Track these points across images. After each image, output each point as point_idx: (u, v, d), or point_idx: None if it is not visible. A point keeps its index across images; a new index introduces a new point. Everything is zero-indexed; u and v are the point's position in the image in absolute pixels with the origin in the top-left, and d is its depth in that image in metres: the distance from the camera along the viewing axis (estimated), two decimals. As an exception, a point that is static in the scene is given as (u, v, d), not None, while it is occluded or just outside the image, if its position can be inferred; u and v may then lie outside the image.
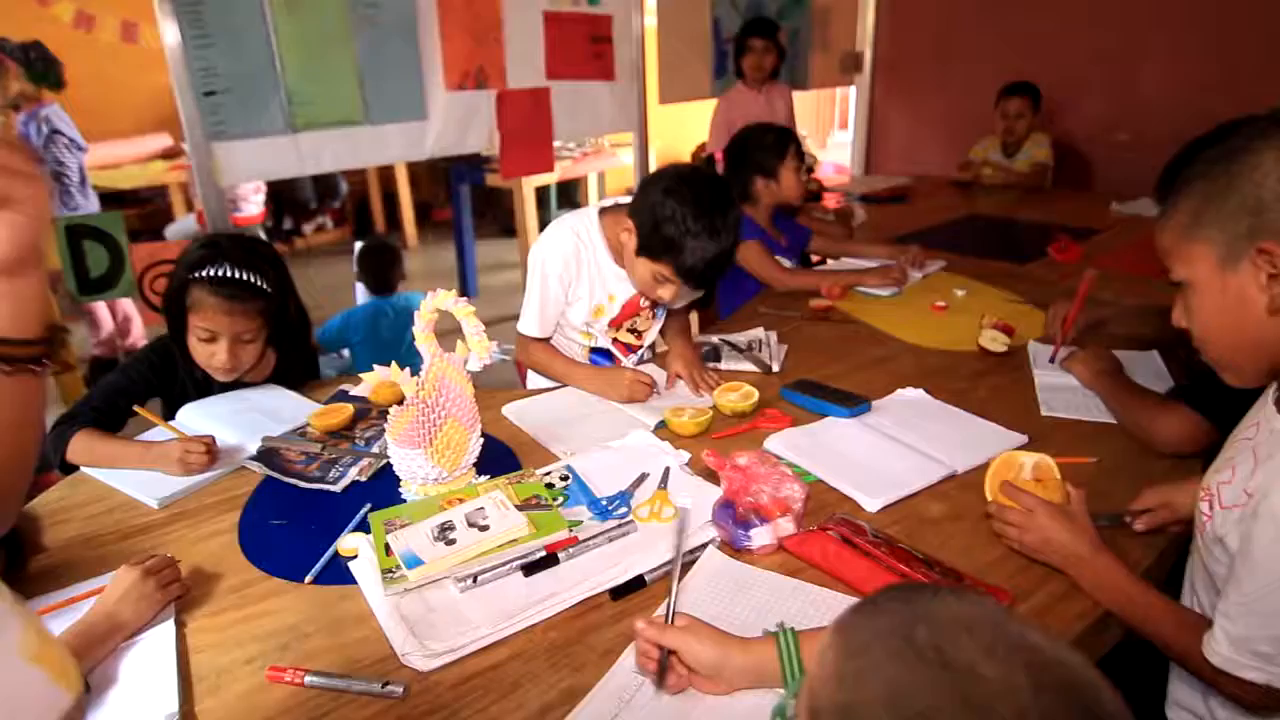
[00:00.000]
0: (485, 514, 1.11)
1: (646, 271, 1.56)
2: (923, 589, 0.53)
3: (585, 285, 1.71)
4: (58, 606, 1.05)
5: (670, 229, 1.47)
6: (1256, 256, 0.79)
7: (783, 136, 2.33)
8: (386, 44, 2.54)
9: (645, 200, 1.52)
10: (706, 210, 1.46)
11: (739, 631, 0.88)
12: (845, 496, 1.24)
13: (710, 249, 1.47)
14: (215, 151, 2.30)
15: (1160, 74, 3.62)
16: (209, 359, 1.51)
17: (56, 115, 3.55)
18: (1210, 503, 0.91)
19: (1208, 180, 0.83)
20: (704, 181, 1.51)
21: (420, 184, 6.42)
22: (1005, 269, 2.37)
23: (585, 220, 1.70)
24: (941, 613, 0.49)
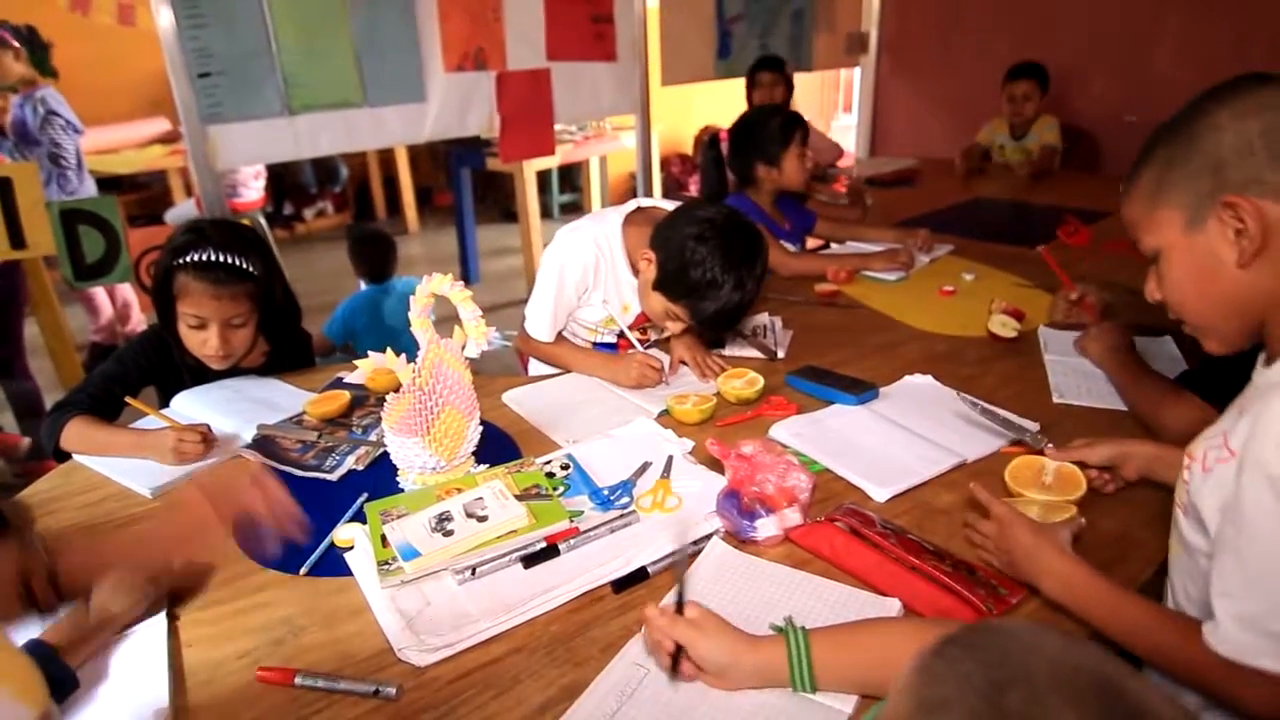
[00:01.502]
0: (484, 504, 1.09)
1: (660, 306, 1.54)
2: (1018, 631, 0.45)
3: (600, 294, 1.68)
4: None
5: (696, 275, 1.43)
6: (1222, 212, 0.79)
7: (789, 123, 2.29)
8: (384, 24, 2.50)
9: (673, 238, 1.47)
10: (735, 264, 1.43)
11: (745, 626, 0.85)
12: (853, 486, 1.21)
13: (733, 301, 1.45)
14: (211, 135, 2.27)
15: (1170, 54, 3.56)
16: (201, 346, 1.48)
17: (53, 96, 3.51)
18: (1193, 468, 0.85)
19: (1168, 147, 0.83)
20: (737, 231, 1.46)
21: (421, 168, 6.37)
22: (1014, 253, 2.32)
23: (608, 229, 1.65)
24: (1037, 671, 0.42)
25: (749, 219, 1.51)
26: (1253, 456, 0.74)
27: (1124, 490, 1.16)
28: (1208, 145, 0.79)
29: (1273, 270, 0.79)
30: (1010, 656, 0.43)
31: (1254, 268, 0.79)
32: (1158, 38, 3.58)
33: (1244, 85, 0.79)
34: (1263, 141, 0.76)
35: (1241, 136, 0.77)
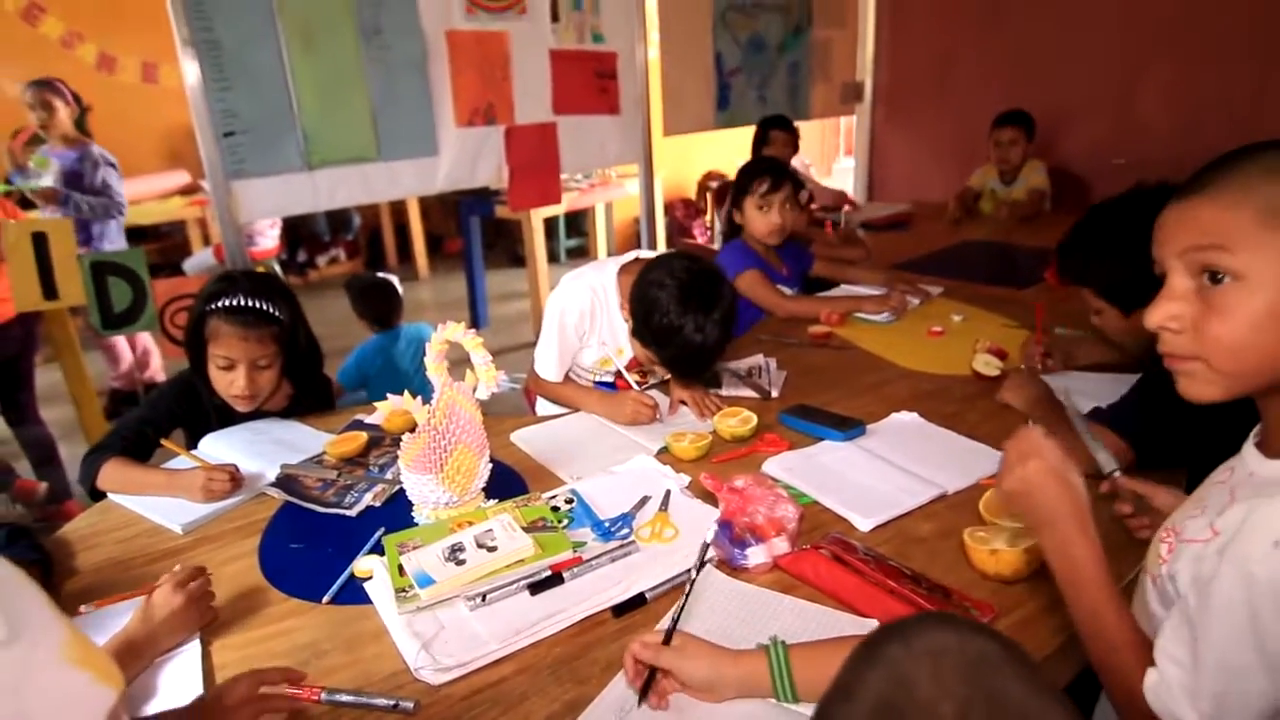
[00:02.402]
0: (494, 536, 1.17)
1: (641, 352, 1.66)
2: (930, 619, 0.54)
3: (596, 337, 1.80)
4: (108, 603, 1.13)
5: (656, 321, 1.53)
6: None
7: (750, 173, 2.38)
8: (399, 83, 2.63)
9: (640, 288, 1.58)
10: (693, 310, 1.51)
11: (734, 645, 0.93)
12: (839, 517, 1.29)
13: (693, 344, 1.52)
14: (234, 190, 2.39)
15: (1155, 99, 3.68)
16: (229, 387, 1.58)
17: (102, 152, 3.69)
18: (1171, 543, 0.83)
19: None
20: (696, 278, 1.54)
21: (431, 216, 6.54)
22: (1002, 294, 2.42)
23: (604, 278, 1.78)
24: (924, 637, 0.51)
25: (714, 269, 1.59)
26: (1241, 549, 0.71)
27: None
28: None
29: None
30: (908, 629, 0.52)
31: None
32: (1143, 83, 3.70)
33: None
34: None
35: None
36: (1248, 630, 0.70)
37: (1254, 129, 3.34)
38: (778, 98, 4.03)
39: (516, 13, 2.85)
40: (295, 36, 2.39)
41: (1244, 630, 0.70)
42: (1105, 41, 3.75)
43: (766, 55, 3.93)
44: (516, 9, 2.85)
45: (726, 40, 3.72)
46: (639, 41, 3.25)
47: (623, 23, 3.18)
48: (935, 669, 0.49)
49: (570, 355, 1.81)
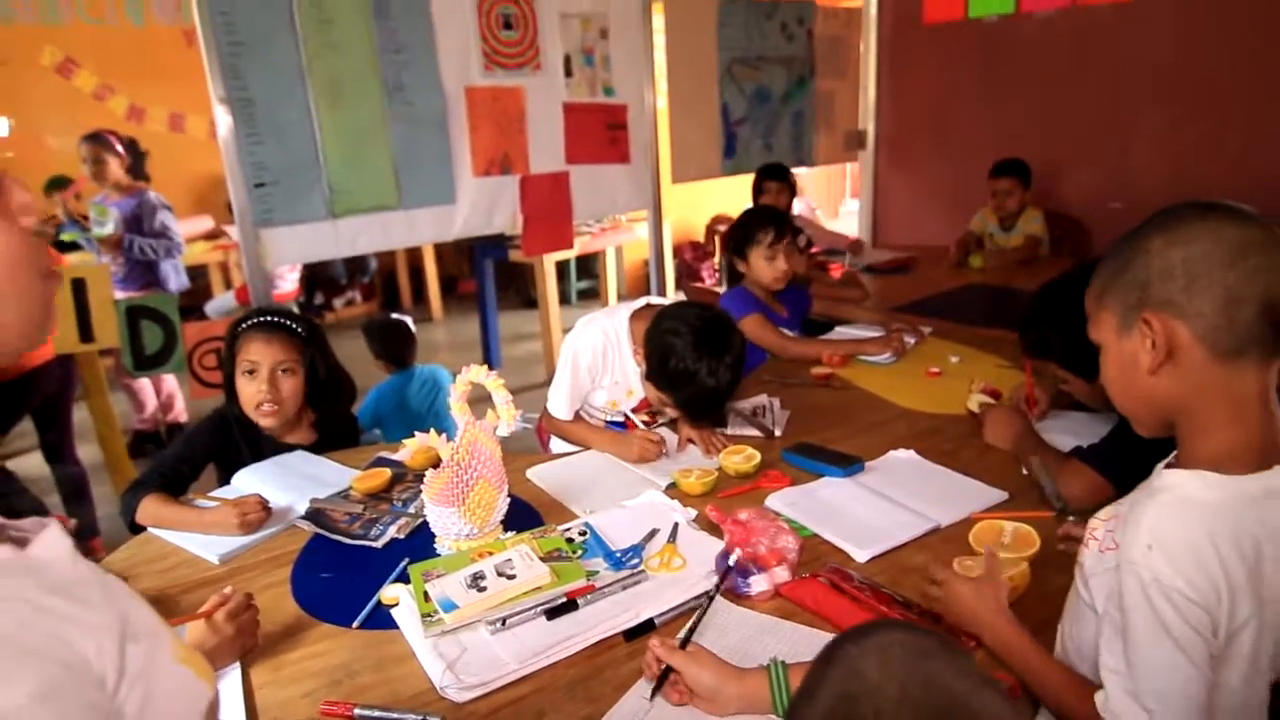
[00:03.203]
0: (512, 565, 1.25)
1: (653, 395, 1.76)
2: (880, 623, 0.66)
3: (608, 378, 1.90)
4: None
5: (672, 366, 1.64)
6: (1142, 325, 0.88)
7: (755, 221, 2.49)
8: (419, 135, 2.77)
9: (655, 335, 1.69)
10: (706, 355, 1.61)
11: (737, 664, 1.00)
12: (837, 548, 1.36)
13: (706, 388, 1.63)
14: (262, 237, 2.50)
15: (1149, 146, 3.79)
16: (254, 397, 1.72)
17: (158, 197, 3.86)
18: (1091, 545, 0.97)
19: (1114, 257, 0.94)
20: (708, 324, 1.65)
21: (445, 258, 6.68)
22: (1000, 336, 2.49)
23: (616, 322, 1.89)
24: (874, 636, 0.63)
25: (725, 316, 1.70)
26: (1126, 556, 0.86)
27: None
28: (1140, 264, 0.89)
29: (1176, 382, 0.88)
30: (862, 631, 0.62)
31: (1161, 376, 0.89)
32: (1136, 131, 3.81)
33: (1186, 214, 0.88)
34: (1182, 269, 0.85)
35: (1166, 262, 0.86)
36: (1157, 626, 0.82)
37: (1244, 173, 3.48)
38: (782, 145, 4.17)
39: (532, 69, 3.00)
40: (323, 93, 2.52)
41: (1155, 627, 0.82)
42: (1099, 91, 3.87)
43: (771, 105, 4.08)
44: (532, 65, 2.99)
45: (732, 91, 3.87)
46: (648, 94, 3.39)
47: (632, 76, 3.33)
48: (882, 660, 0.60)
49: (582, 395, 1.90)
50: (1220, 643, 0.83)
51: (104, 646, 0.53)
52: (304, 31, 2.45)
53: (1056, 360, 1.65)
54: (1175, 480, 0.88)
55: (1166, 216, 0.90)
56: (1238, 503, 0.84)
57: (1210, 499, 0.84)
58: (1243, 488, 0.85)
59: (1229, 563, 0.81)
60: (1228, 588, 0.81)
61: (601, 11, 3.18)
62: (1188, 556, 0.82)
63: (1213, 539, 0.82)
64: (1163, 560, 0.82)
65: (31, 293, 0.58)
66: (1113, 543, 0.91)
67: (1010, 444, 1.67)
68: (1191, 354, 0.86)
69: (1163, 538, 0.83)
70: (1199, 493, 0.85)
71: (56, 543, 0.59)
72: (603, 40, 3.21)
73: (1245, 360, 0.85)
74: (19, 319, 0.58)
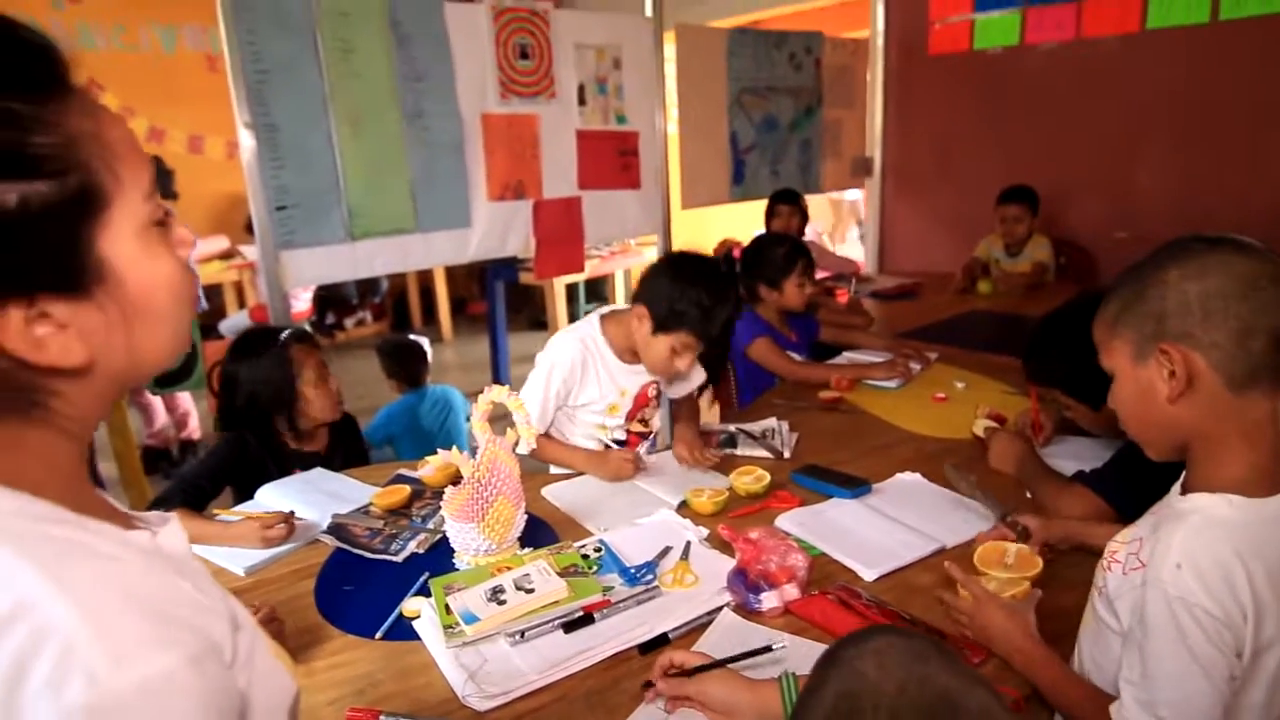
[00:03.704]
0: (531, 579, 1.29)
1: (664, 347, 1.80)
2: (876, 629, 0.71)
3: (595, 387, 1.92)
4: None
5: (686, 304, 1.73)
6: (1159, 355, 0.93)
7: (793, 252, 2.56)
8: (437, 160, 2.83)
9: (655, 286, 1.79)
10: (713, 283, 1.76)
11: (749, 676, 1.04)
12: (846, 567, 1.40)
13: (723, 312, 1.76)
14: (283, 259, 2.56)
15: (1153, 176, 3.85)
16: (323, 397, 1.92)
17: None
18: (1113, 568, 1.01)
19: (1129, 287, 0.97)
20: (700, 261, 1.84)
21: (456, 280, 6.76)
22: (1006, 362, 2.53)
23: (590, 329, 1.95)
24: (871, 640, 0.68)
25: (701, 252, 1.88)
26: (1154, 574, 0.90)
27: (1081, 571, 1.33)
28: (1156, 296, 0.93)
29: (1194, 409, 0.92)
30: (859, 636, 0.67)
31: (1179, 404, 0.92)
32: (1141, 161, 3.87)
33: (1195, 248, 0.92)
34: (1198, 303, 0.89)
35: (1183, 295, 0.90)
36: (1179, 641, 0.86)
37: (1247, 202, 3.54)
38: (790, 173, 4.24)
39: (546, 97, 3.07)
40: (344, 120, 2.59)
41: (1176, 642, 0.86)
42: (1103, 121, 3.93)
43: (779, 133, 4.15)
44: (546, 94, 3.07)
45: (741, 120, 3.94)
46: (659, 122, 3.47)
47: (644, 105, 3.40)
48: (880, 661, 0.65)
49: (554, 407, 1.93)
50: (1244, 663, 0.87)
51: (225, 631, 0.57)
52: (327, 60, 2.53)
53: (1060, 387, 1.69)
54: (1202, 503, 0.92)
55: (1178, 250, 0.93)
56: (1262, 524, 0.89)
57: (1238, 520, 0.89)
58: (1264, 510, 0.89)
59: (1257, 582, 0.85)
60: (1254, 607, 0.85)
61: (615, 43, 3.26)
62: (1217, 576, 0.86)
63: (1241, 559, 0.86)
64: (1192, 579, 0.86)
65: (183, 320, 0.62)
66: (1137, 562, 0.95)
67: (1014, 468, 1.71)
68: (1208, 383, 0.90)
69: (1192, 558, 0.87)
70: (1227, 514, 0.90)
71: (177, 537, 0.65)
72: (615, 70, 3.28)
73: (1257, 388, 0.90)
74: (171, 343, 0.61)
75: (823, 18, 4.93)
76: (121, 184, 0.55)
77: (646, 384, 1.97)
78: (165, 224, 0.60)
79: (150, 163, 0.59)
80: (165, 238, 0.60)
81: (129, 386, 0.59)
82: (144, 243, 0.57)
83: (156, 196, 0.59)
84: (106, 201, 0.54)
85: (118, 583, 0.52)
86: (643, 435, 2.01)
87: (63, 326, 0.53)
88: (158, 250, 0.59)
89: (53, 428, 0.56)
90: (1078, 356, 1.55)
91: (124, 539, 0.56)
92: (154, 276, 0.58)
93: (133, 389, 3.94)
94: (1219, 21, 3.48)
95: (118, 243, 0.55)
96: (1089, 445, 1.80)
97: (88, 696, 0.46)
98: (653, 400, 2.00)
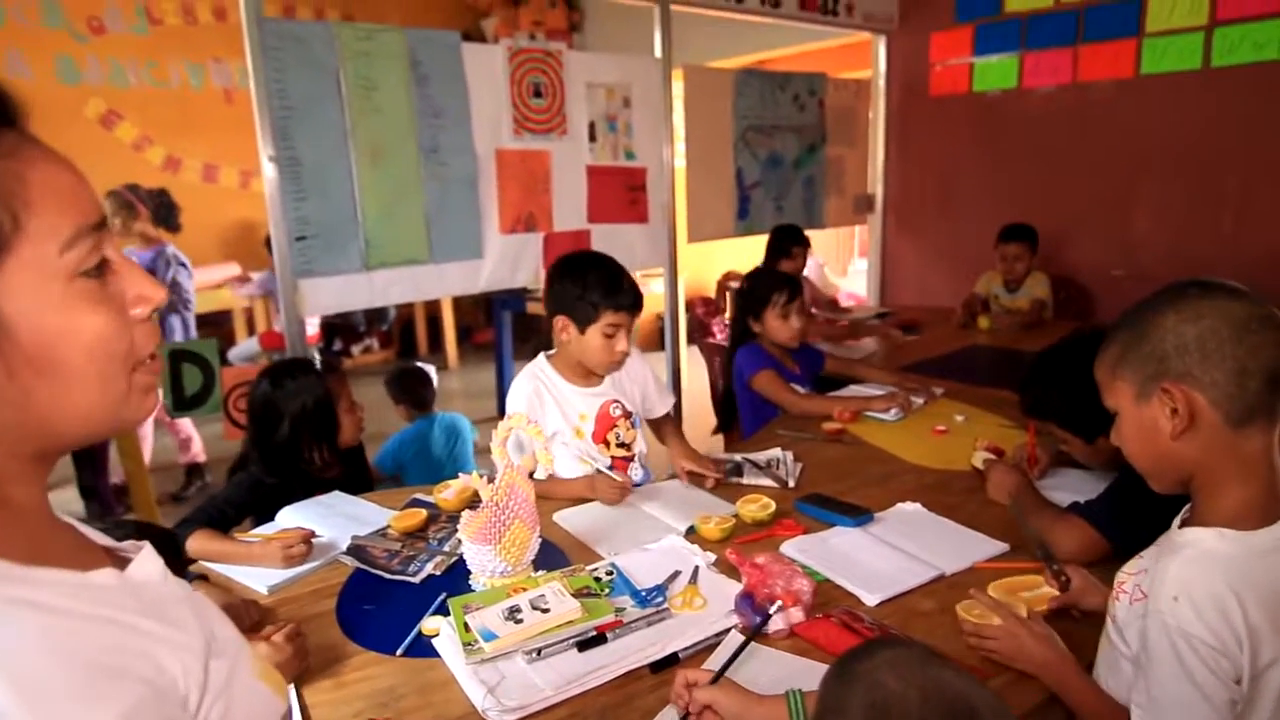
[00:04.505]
0: (546, 600, 1.34)
1: (597, 338, 1.90)
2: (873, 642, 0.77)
3: (556, 416, 1.99)
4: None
5: (590, 289, 1.89)
6: (1162, 394, 0.98)
7: (770, 285, 2.64)
8: (451, 194, 2.92)
9: (559, 293, 1.94)
10: (599, 262, 1.96)
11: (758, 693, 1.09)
12: (849, 593, 1.45)
13: (624, 279, 1.93)
14: (301, 287, 2.64)
15: (1149, 217, 3.94)
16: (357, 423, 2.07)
17: (175, 253, 4.00)
18: (1122, 598, 1.07)
19: (1129, 330, 1.03)
20: (579, 254, 2.07)
21: (462, 309, 6.84)
22: (1004, 396, 2.59)
23: (537, 364, 2.05)
24: (879, 653, 0.74)
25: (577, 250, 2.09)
26: (1153, 606, 0.96)
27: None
28: (1156, 338, 0.98)
29: (1196, 445, 0.98)
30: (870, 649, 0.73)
31: (1182, 440, 0.98)
32: (1137, 202, 3.96)
33: (1190, 293, 0.98)
34: (1196, 344, 0.95)
35: (1181, 337, 0.96)
36: (1179, 669, 0.92)
37: (1239, 242, 3.62)
38: (794, 208, 4.33)
39: (558, 134, 3.17)
40: (364, 154, 2.68)
41: (1176, 668, 0.92)
42: (1100, 163, 4.03)
43: (783, 170, 4.25)
44: (559, 130, 3.17)
45: (747, 157, 4.04)
46: (667, 158, 3.56)
47: (652, 142, 3.50)
48: (896, 671, 0.71)
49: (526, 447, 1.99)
50: (1243, 689, 0.92)
51: (189, 666, 0.56)
52: (349, 96, 2.62)
53: (1055, 420, 1.75)
54: (1196, 537, 0.98)
55: (1175, 295, 1.00)
56: (1254, 556, 0.94)
57: (1229, 553, 0.95)
58: (1257, 542, 0.95)
59: (1250, 610, 0.91)
60: (1249, 635, 0.91)
61: (625, 82, 3.36)
62: (1211, 607, 0.91)
63: (1234, 589, 0.92)
64: (1189, 610, 0.92)
65: (110, 380, 0.57)
66: (1140, 594, 1.01)
67: (1010, 499, 1.76)
68: (1208, 419, 0.97)
69: (1188, 589, 0.93)
70: (1219, 547, 0.96)
71: (150, 563, 0.62)
72: (625, 108, 3.39)
73: (1253, 425, 0.96)
74: (94, 404, 0.57)
75: (826, 59, 5.06)
76: (24, 230, 0.52)
77: (605, 403, 2.02)
78: (104, 275, 0.57)
79: (86, 215, 0.55)
80: (97, 292, 0.56)
81: (56, 449, 0.58)
82: (52, 294, 0.53)
83: (91, 247, 0.55)
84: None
85: (50, 638, 0.50)
86: (626, 460, 2.05)
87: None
88: (77, 305, 0.54)
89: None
90: (1072, 391, 1.62)
91: (81, 582, 0.54)
92: (58, 331, 0.54)
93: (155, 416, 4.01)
94: (1211, 68, 3.60)
95: (10, 291, 0.51)
96: (1084, 478, 1.85)
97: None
98: (618, 419, 2.03)
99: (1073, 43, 3.98)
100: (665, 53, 3.49)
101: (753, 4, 3.70)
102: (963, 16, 4.36)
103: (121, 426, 0.60)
